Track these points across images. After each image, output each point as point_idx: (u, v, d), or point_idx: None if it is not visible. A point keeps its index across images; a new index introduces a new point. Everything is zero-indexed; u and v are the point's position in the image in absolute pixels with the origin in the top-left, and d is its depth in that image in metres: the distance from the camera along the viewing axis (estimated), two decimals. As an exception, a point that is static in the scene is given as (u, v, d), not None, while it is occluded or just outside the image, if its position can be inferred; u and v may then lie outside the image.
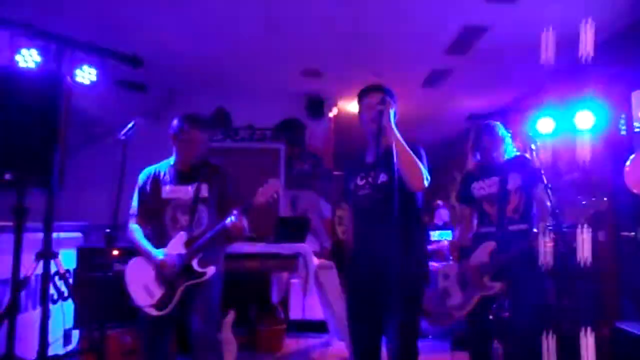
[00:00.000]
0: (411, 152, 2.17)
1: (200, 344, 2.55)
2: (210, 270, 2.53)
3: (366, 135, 2.37)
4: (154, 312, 2.51)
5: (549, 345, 2.55)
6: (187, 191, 2.62)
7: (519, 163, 2.92)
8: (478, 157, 3.01)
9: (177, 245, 2.55)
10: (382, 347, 2.28)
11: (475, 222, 3.02)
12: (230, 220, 2.48)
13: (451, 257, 5.09)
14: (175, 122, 2.68)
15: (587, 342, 2.45)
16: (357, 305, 2.30)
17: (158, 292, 2.54)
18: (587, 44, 1.92)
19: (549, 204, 2.86)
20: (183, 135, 2.64)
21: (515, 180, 2.85)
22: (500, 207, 2.84)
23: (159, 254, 2.54)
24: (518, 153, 3.03)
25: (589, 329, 2.51)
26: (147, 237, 2.64)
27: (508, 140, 2.99)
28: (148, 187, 2.67)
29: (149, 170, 2.73)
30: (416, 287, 2.26)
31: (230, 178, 2.75)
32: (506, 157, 2.96)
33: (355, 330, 2.30)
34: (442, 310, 2.96)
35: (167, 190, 2.65)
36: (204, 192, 2.63)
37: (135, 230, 2.64)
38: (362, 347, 2.29)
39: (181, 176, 2.67)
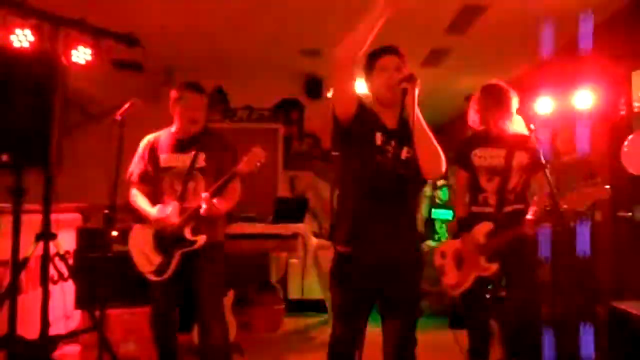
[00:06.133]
0: (433, 138, 2.02)
1: (206, 313, 2.64)
2: (202, 238, 2.58)
3: (377, 101, 2.17)
4: (154, 278, 2.61)
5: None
6: (184, 160, 2.66)
7: (527, 142, 2.73)
8: (482, 122, 2.83)
9: (171, 214, 2.61)
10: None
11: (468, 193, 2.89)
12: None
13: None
14: (173, 92, 2.72)
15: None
16: (348, 283, 2.12)
17: (157, 259, 2.62)
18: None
19: (549, 189, 2.72)
20: (181, 101, 2.66)
21: (521, 158, 2.74)
22: (502, 184, 2.74)
23: (155, 214, 2.60)
24: (522, 131, 2.84)
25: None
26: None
27: (516, 109, 2.82)
28: (147, 155, 2.72)
29: (150, 137, 2.77)
30: (420, 270, 2.18)
31: (230, 147, 2.76)
32: (512, 130, 2.78)
33: (347, 311, 2.17)
34: (438, 288, 2.96)
35: (165, 159, 2.68)
36: (201, 161, 2.66)
37: (136, 194, 2.71)
38: (351, 326, 2.17)
39: (180, 144, 2.70)
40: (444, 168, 2.07)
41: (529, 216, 2.66)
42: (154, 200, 2.69)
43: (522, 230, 2.65)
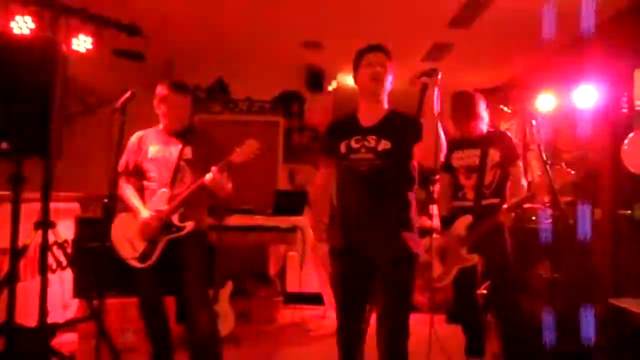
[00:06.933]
0: (441, 133, 2.08)
1: (192, 300, 2.69)
2: (189, 225, 2.66)
3: (362, 95, 2.28)
4: (137, 264, 2.68)
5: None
6: (171, 152, 2.75)
7: (500, 139, 3.00)
8: (457, 126, 3.06)
9: (159, 201, 2.69)
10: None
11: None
12: (209, 177, 2.60)
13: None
14: (158, 89, 2.78)
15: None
16: (344, 275, 2.26)
17: (140, 246, 2.68)
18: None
19: (524, 183, 3.01)
20: (167, 101, 2.74)
21: (494, 155, 2.94)
22: (478, 180, 2.94)
23: (144, 212, 2.68)
24: (492, 129, 3.12)
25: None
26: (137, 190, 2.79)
27: (485, 112, 3.04)
28: (136, 148, 2.81)
29: (139, 134, 2.87)
30: (411, 262, 2.21)
31: (215, 142, 2.85)
32: (484, 129, 3.02)
33: (342, 301, 2.30)
34: (425, 282, 3.05)
35: (153, 151, 2.77)
36: (188, 154, 2.75)
37: (126, 187, 2.79)
38: (347, 314, 2.29)
39: (167, 139, 2.80)
40: (441, 158, 2.13)
41: (504, 206, 2.88)
42: (143, 191, 2.77)
43: (497, 219, 2.84)
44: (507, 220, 2.93)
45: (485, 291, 4.07)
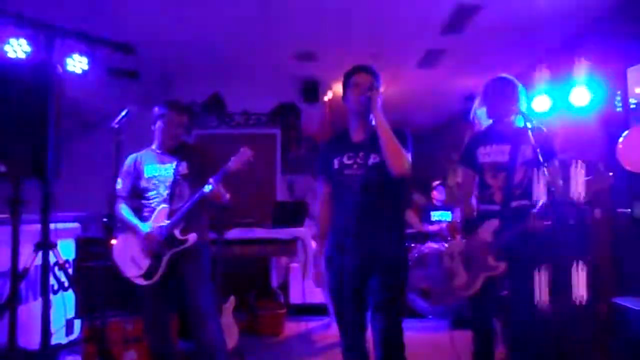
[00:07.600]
0: (394, 138, 2.18)
1: (200, 310, 2.69)
2: (192, 237, 2.67)
3: (351, 114, 2.39)
4: (142, 282, 2.68)
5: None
6: (167, 169, 2.79)
7: (534, 134, 2.58)
8: (488, 117, 2.76)
9: (160, 217, 2.71)
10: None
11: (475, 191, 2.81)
12: (208, 188, 2.63)
13: (449, 238, 5.12)
14: (156, 109, 2.83)
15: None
16: (340, 287, 2.31)
17: (145, 263, 2.69)
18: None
19: (560, 183, 2.61)
20: (164, 118, 2.79)
21: (525, 153, 2.64)
22: (507, 180, 2.65)
23: (144, 227, 2.70)
24: (529, 124, 2.67)
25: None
26: (134, 212, 2.81)
27: (524, 106, 2.70)
28: (133, 169, 2.84)
29: (134, 155, 2.90)
30: (402, 270, 2.32)
31: (209, 155, 2.90)
32: (519, 123, 2.69)
33: (340, 311, 2.37)
34: (448, 291, 2.92)
35: (149, 170, 2.81)
36: (184, 169, 2.80)
37: (123, 208, 2.81)
38: (348, 326, 2.36)
39: (162, 157, 2.84)
40: (405, 166, 2.20)
41: (534, 210, 2.55)
42: (142, 210, 2.79)
43: (526, 225, 2.56)
44: (538, 226, 2.56)
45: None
